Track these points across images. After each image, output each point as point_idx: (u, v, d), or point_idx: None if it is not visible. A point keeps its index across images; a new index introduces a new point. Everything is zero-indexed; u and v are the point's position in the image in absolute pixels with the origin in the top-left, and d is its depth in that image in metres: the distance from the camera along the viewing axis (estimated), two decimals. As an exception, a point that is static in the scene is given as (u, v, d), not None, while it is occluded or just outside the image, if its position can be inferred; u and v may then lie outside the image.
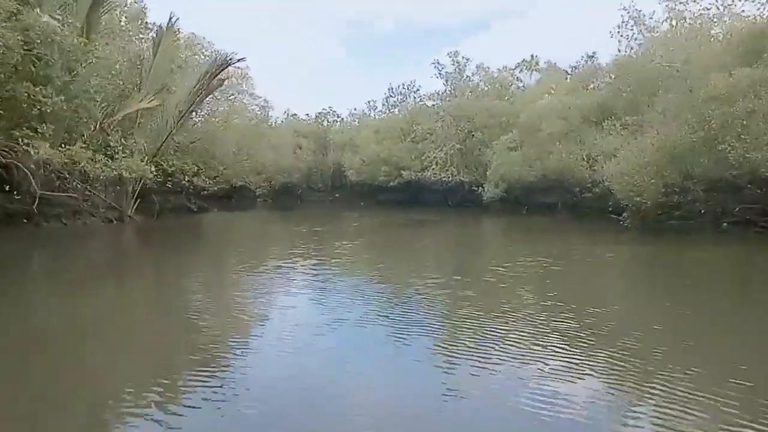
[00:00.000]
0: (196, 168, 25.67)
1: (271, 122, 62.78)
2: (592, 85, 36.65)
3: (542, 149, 33.16)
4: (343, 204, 55.65)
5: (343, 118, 66.38)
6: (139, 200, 22.89)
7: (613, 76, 33.02)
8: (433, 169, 45.36)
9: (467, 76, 49.05)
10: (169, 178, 24.15)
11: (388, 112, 57.10)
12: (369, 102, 59.17)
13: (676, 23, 28.14)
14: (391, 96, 56.55)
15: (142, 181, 22.50)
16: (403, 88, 55.65)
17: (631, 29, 30.22)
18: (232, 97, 34.59)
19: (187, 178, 24.90)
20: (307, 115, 67.85)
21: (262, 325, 7.64)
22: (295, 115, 68.99)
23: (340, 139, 61.68)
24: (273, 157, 52.37)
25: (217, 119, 31.65)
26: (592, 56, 38.46)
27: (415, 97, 54.94)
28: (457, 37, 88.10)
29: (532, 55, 48.54)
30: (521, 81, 49.47)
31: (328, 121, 66.78)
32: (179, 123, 22.71)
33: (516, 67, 49.25)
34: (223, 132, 31.91)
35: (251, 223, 32.35)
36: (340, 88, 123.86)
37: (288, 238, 21.93)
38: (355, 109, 62.73)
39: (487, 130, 42.66)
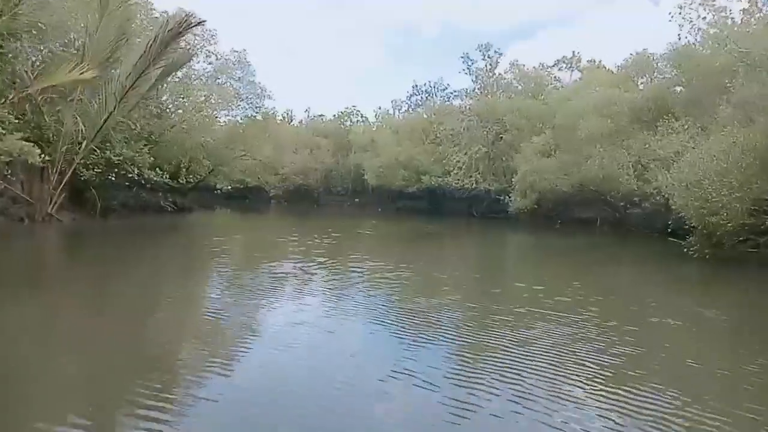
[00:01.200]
0: (152, 159, 20.77)
1: (278, 118, 58.60)
2: (643, 80, 30.59)
3: (580, 154, 27.40)
4: (359, 210, 50.76)
5: (366, 119, 61.47)
6: (64, 195, 18.10)
7: (670, 71, 26.95)
8: (455, 174, 39.81)
9: (499, 74, 43.45)
10: (115, 170, 19.33)
11: (411, 111, 51.73)
12: (393, 101, 53.85)
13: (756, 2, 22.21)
14: (415, 94, 51.30)
15: (73, 170, 17.89)
16: (429, 86, 50.44)
17: (696, 9, 24.21)
18: (222, 83, 29.87)
19: (137, 171, 20.04)
20: (335, 115, 63.05)
21: None
22: (322, 116, 64.40)
23: (360, 140, 56.77)
24: (275, 155, 47.75)
25: (196, 109, 26.56)
26: (642, 53, 32.17)
27: (441, 96, 49.61)
28: (502, 45, 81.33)
29: (573, 52, 42.60)
30: (560, 81, 43.39)
31: (351, 122, 61.91)
32: (122, 101, 17.89)
33: (554, 64, 43.33)
34: (206, 123, 26.99)
35: (236, 228, 27.50)
36: (382, 94, 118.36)
37: (244, 250, 16.90)
38: (379, 108, 57.62)
39: (518, 133, 37.02)
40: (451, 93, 47.52)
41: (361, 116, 61.77)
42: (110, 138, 19.32)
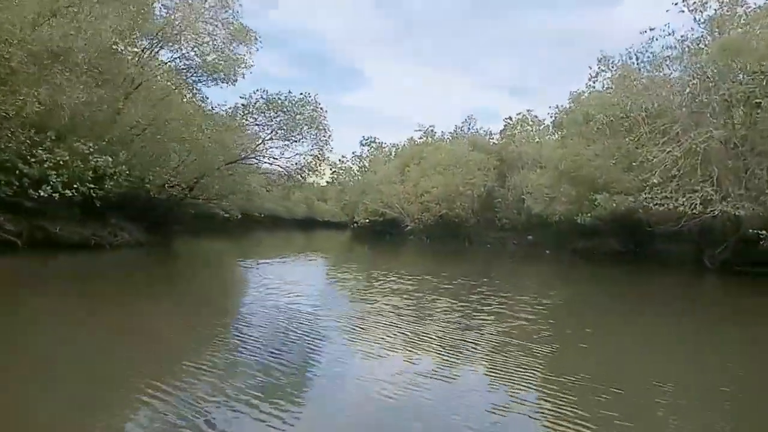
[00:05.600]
0: None
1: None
2: None
3: None
4: (531, 250, 32.92)
5: (543, 124, 42.58)
6: None
7: None
8: (659, 188, 19.43)
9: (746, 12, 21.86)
10: None
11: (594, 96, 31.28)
12: (571, 93, 33.99)
13: None
14: (603, 70, 30.91)
15: None
16: (628, 54, 29.58)
17: None
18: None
19: None
20: (503, 126, 45.41)
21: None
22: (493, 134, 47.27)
23: (532, 153, 38.35)
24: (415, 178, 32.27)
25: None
26: None
27: (648, 68, 28.57)
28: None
29: None
30: None
31: (521, 130, 43.80)
32: None
33: None
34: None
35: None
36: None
37: None
38: (554, 108, 38.18)
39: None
40: (663, 55, 26.49)
41: (539, 121, 43.14)
42: None
